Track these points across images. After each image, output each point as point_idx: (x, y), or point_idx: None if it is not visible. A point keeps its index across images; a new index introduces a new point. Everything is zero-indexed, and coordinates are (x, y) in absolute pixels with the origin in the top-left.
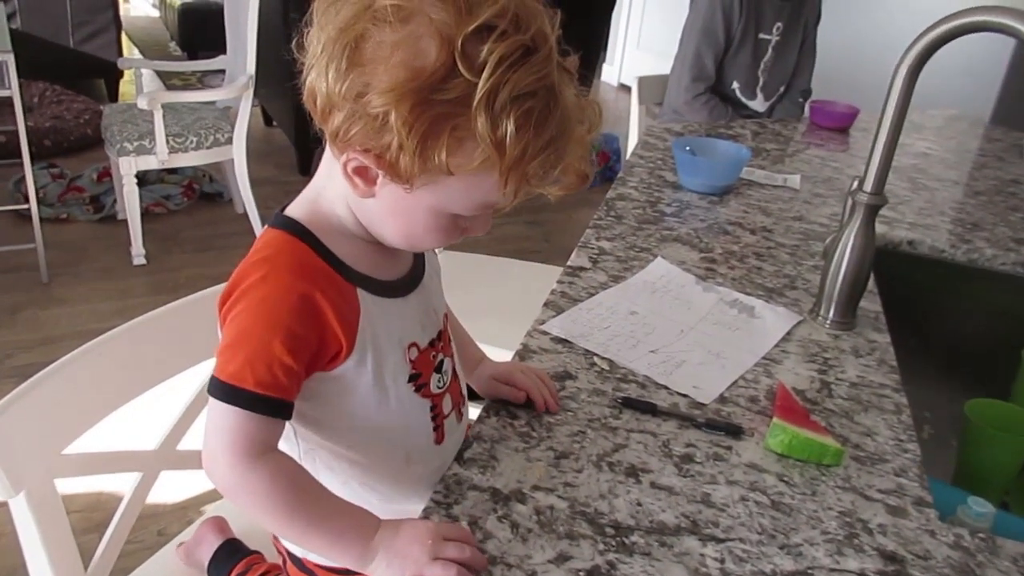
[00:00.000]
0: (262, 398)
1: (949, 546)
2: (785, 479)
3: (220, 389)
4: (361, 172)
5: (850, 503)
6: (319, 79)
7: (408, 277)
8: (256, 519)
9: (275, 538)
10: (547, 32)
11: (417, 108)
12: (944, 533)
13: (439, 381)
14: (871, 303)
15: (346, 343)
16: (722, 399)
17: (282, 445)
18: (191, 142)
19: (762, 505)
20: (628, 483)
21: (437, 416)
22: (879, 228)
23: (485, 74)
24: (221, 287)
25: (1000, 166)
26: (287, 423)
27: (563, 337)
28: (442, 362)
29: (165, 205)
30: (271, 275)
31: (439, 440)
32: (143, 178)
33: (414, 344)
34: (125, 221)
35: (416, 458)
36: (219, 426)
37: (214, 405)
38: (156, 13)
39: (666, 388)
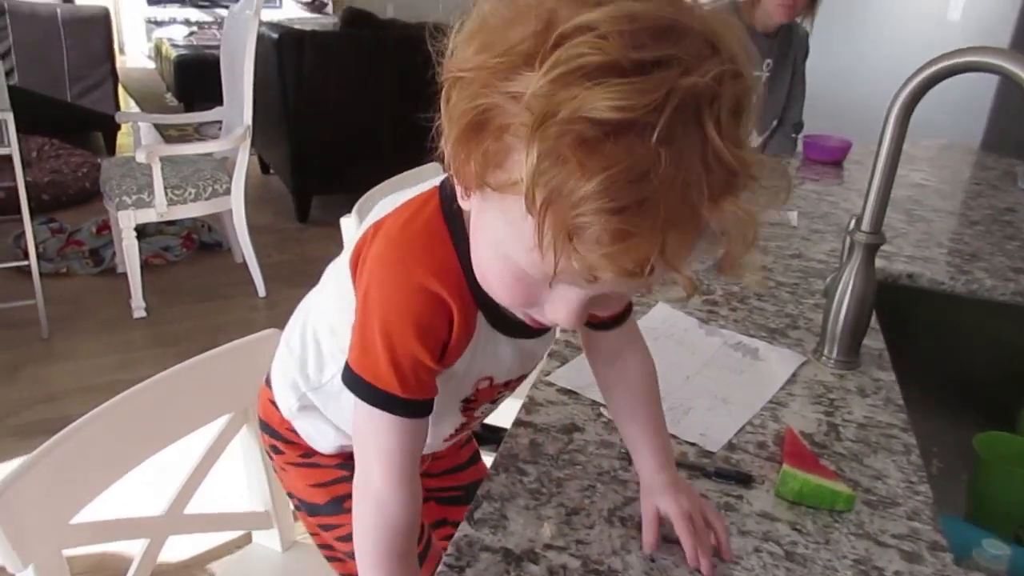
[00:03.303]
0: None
1: None
2: (798, 528)
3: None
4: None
5: (864, 550)
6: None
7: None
8: (356, 541)
9: None
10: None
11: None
12: None
13: (485, 409)
14: (874, 340)
15: (444, 364)
16: (730, 446)
17: (285, 390)
18: (189, 194)
19: (776, 556)
20: (640, 538)
21: (458, 433)
22: (878, 263)
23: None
24: (224, 348)
25: (994, 194)
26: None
27: (569, 388)
28: (502, 396)
29: (164, 257)
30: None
31: (437, 449)
32: (142, 230)
33: (490, 378)
34: (125, 274)
35: None
36: (381, 437)
37: (375, 414)
38: (152, 65)
39: (674, 436)
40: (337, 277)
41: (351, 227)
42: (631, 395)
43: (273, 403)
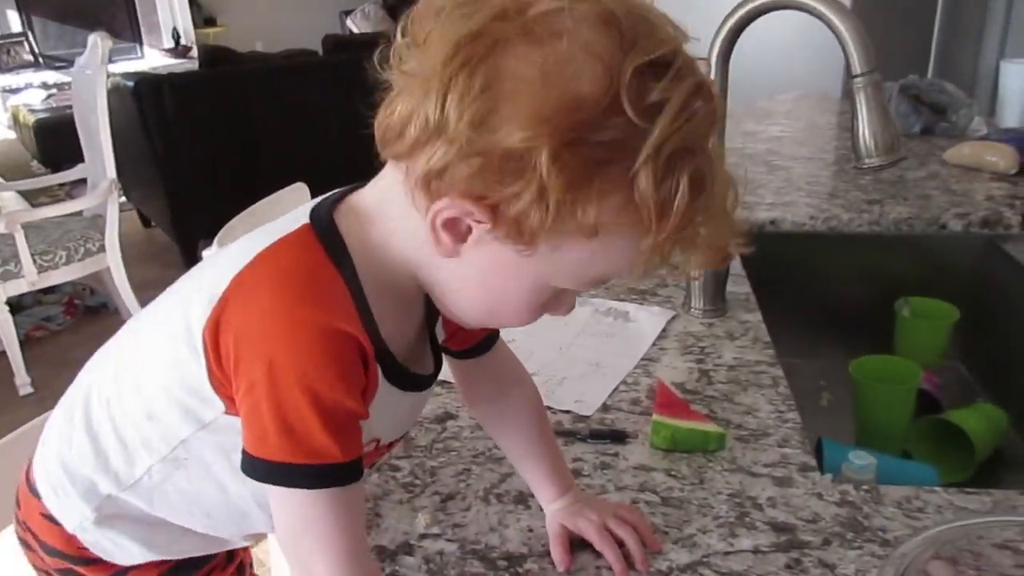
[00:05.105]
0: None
1: (836, 504)
2: (673, 473)
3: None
4: (452, 225)
5: (738, 483)
6: (424, 101)
7: (435, 372)
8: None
9: None
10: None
11: (570, 147)
12: (831, 493)
13: (367, 473)
14: (740, 286)
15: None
16: (605, 408)
17: (74, 499)
18: (60, 257)
19: (653, 504)
20: (518, 511)
21: None
22: (741, 213)
23: (662, 120)
24: None
25: (847, 135)
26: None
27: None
28: (381, 459)
29: (47, 327)
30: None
31: None
32: (18, 304)
33: (377, 440)
34: (5, 352)
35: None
36: (325, 523)
37: (315, 499)
38: (13, 135)
39: (549, 408)
40: (166, 349)
41: None
42: (519, 431)
43: (50, 518)
